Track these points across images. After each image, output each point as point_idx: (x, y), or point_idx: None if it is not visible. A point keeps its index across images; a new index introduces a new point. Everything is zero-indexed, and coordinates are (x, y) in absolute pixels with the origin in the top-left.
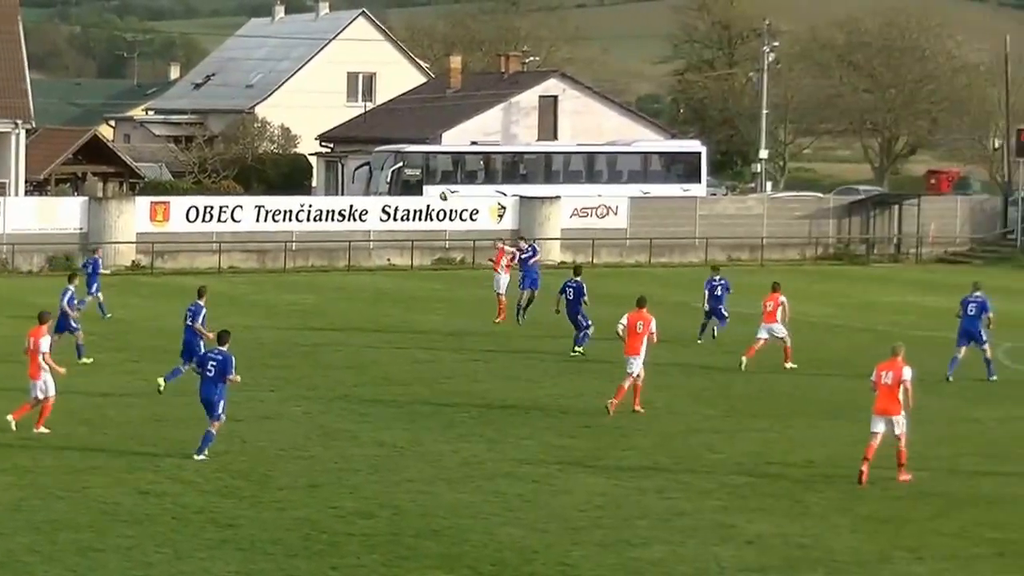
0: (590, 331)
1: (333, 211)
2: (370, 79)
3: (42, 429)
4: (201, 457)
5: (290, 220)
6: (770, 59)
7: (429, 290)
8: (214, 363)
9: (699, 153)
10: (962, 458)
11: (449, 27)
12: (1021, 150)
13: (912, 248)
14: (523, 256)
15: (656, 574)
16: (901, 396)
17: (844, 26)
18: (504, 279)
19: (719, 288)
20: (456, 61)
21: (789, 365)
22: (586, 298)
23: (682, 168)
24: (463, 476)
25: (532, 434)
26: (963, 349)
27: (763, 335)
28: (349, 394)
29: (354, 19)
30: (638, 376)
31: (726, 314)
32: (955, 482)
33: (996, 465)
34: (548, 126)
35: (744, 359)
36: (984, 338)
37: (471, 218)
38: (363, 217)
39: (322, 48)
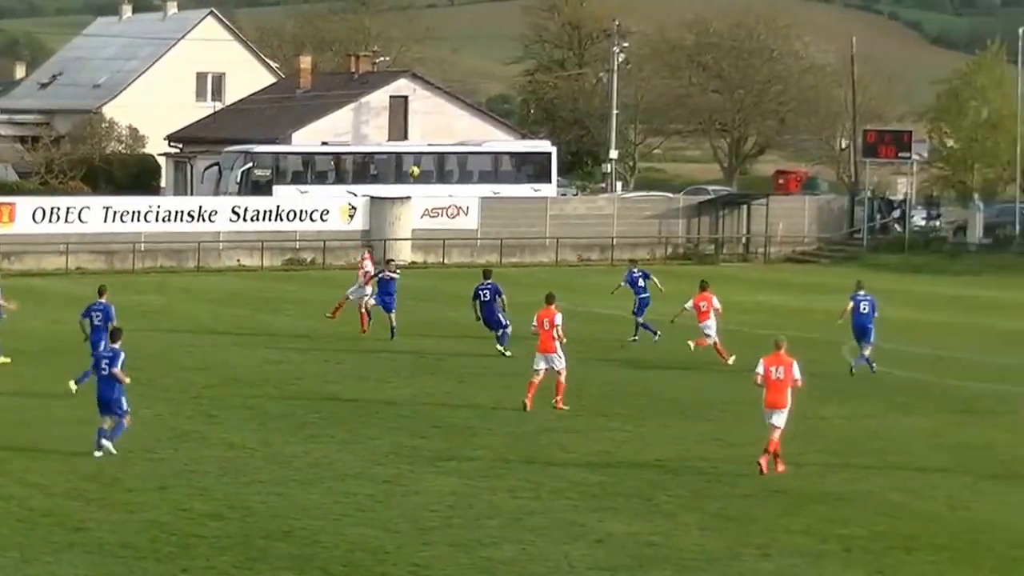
0: (508, 329)
1: (182, 212)
2: (219, 79)
3: None
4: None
5: (138, 221)
6: (620, 59)
7: (279, 291)
8: (106, 361)
9: (549, 153)
10: (809, 455)
11: (298, 27)
12: (867, 150)
13: (761, 247)
14: (386, 279)
15: (507, 573)
16: (789, 392)
17: (693, 27)
18: (362, 290)
19: (641, 279)
20: (306, 61)
21: (730, 360)
22: (504, 298)
23: (532, 168)
24: (314, 477)
25: (383, 434)
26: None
27: (711, 334)
28: (199, 396)
29: (202, 19)
30: (560, 372)
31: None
32: (802, 479)
33: (843, 462)
34: (399, 126)
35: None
36: (872, 337)
37: (321, 219)
38: (212, 218)
39: (170, 48)
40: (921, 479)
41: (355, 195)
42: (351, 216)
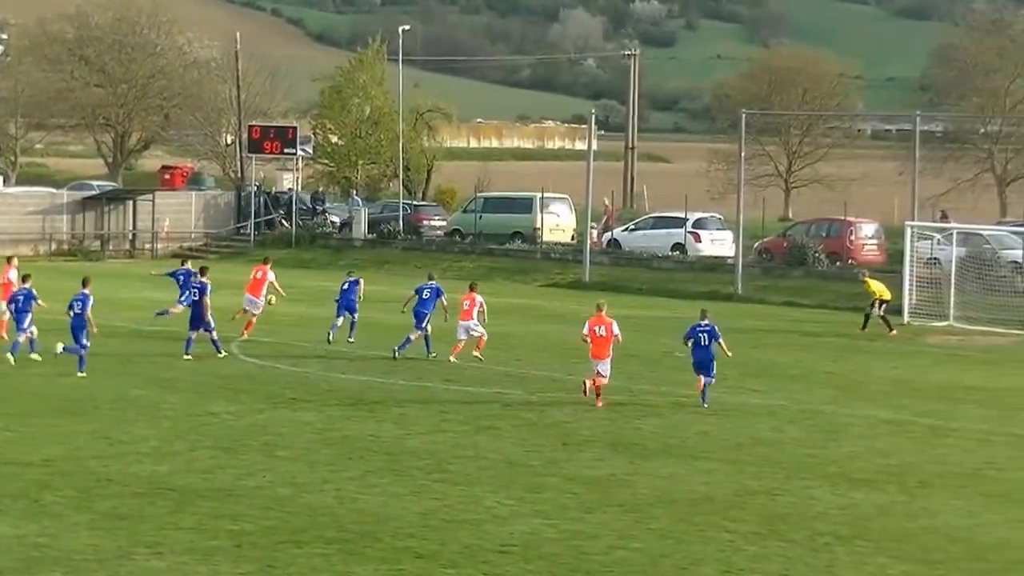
0: (214, 334)
1: None
2: None
3: None
4: None
5: None
6: None
7: None
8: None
9: None
10: (198, 451)
11: None
12: (253, 146)
13: (148, 243)
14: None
15: None
16: (612, 344)
17: (74, 20)
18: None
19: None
20: None
21: (476, 354)
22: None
23: None
24: None
25: None
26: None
27: (462, 335)
28: None
29: None
30: (254, 316)
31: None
32: (192, 476)
33: (232, 458)
34: None
35: (452, 358)
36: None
37: None
38: None
39: None
40: (310, 473)
41: None
42: None
